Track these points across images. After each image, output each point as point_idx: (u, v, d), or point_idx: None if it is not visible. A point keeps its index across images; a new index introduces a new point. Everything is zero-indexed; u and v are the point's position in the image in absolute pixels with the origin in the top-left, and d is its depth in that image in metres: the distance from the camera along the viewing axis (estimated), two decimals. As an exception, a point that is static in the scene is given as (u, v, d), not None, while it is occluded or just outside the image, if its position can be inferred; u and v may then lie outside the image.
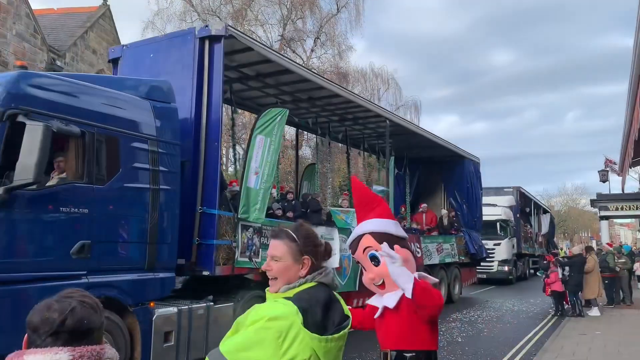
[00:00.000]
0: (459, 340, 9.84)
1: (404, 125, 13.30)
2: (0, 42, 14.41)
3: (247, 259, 7.34)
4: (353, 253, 3.08)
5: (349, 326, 1.90)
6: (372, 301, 3.02)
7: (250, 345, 1.71)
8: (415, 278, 2.62)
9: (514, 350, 9.26)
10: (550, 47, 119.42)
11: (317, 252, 1.97)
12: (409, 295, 2.58)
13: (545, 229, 30.25)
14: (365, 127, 13.83)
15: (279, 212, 9.26)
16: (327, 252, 2.03)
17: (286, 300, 1.80)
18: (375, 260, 2.89)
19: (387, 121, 12.22)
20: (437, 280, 3.18)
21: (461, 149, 16.25)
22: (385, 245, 2.70)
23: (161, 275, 6.31)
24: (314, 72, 12.13)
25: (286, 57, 10.66)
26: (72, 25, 19.02)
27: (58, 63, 16.53)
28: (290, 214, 9.49)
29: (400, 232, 3.03)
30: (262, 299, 2.02)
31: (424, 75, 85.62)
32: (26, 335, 1.48)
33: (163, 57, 7.70)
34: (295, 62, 10.90)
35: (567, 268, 13.16)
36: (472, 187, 16.50)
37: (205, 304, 6.80)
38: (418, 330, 2.78)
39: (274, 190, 10.93)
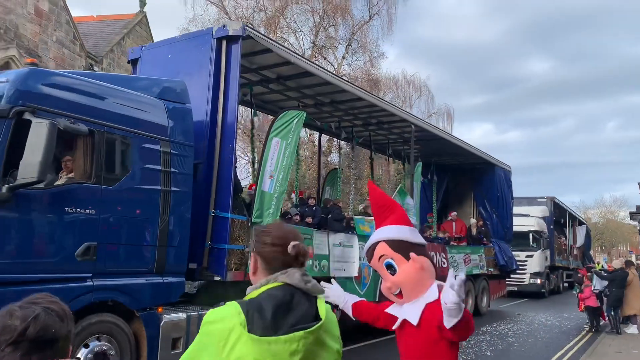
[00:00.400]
0: (488, 354, 9.50)
1: (430, 130, 12.94)
2: (42, 48, 14.72)
3: (260, 265, 7.10)
4: (369, 261, 2.99)
5: (311, 329, 1.70)
6: (391, 310, 2.90)
7: (199, 351, 1.70)
8: (466, 310, 2.46)
9: (544, 366, 8.88)
10: (589, 55, 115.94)
11: (266, 251, 1.85)
12: (448, 326, 2.44)
13: (580, 241, 29.27)
14: (390, 132, 13.54)
15: (297, 218, 9.02)
16: (290, 254, 1.82)
17: (233, 301, 1.73)
18: (391, 268, 2.80)
19: (413, 126, 11.91)
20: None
21: (491, 156, 15.78)
22: (458, 281, 2.35)
23: (170, 279, 6.12)
24: (336, 75, 11.89)
25: (307, 60, 10.44)
26: (109, 32, 19.40)
27: (95, 69, 16.82)
28: (309, 220, 9.25)
29: (417, 239, 2.89)
30: None
31: (457, 82, 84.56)
32: None
33: (180, 58, 7.60)
34: (316, 64, 10.69)
35: (600, 282, 12.58)
36: (502, 196, 16.02)
37: (216, 311, 6.58)
38: (438, 345, 2.66)
39: (292, 195, 10.73)
